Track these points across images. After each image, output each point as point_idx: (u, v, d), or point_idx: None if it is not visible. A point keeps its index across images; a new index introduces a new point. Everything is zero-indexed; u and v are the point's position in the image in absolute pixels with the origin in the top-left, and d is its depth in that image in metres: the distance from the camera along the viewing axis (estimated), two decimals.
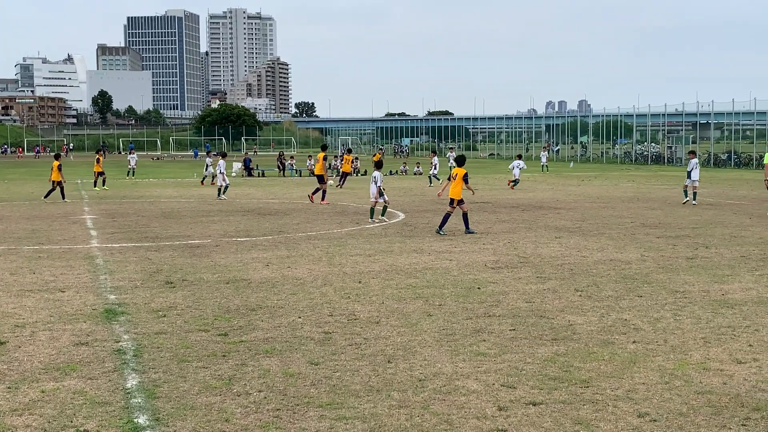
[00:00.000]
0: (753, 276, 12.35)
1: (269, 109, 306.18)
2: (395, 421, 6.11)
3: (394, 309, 10.10)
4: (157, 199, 30.00)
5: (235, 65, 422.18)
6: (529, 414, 6.25)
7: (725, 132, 77.22)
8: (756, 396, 6.64)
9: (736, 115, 68.83)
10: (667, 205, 26.27)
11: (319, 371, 7.42)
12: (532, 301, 10.59)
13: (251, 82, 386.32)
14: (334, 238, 17.43)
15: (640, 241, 16.73)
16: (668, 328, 9.02)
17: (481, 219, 21.58)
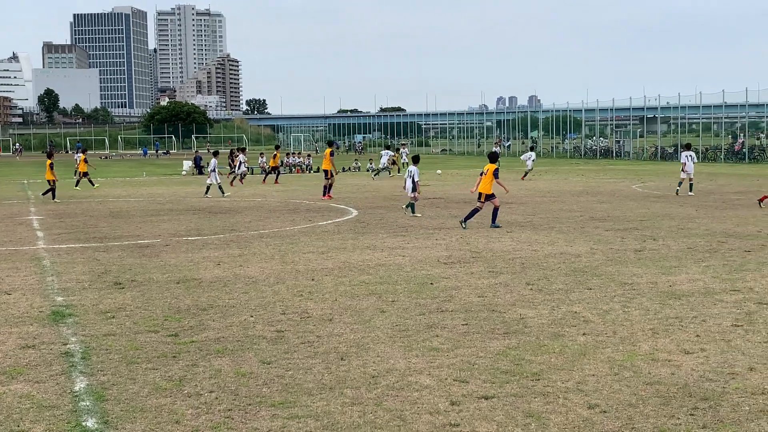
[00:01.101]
0: (700, 267, 12.57)
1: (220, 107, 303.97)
2: (348, 418, 6.10)
3: (348, 306, 10.08)
4: (105, 198, 29.59)
5: (184, 62, 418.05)
6: (481, 408, 6.29)
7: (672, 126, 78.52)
8: (703, 386, 6.75)
9: (682, 108, 70.02)
10: (615, 198, 26.62)
11: (272, 370, 7.37)
12: (484, 295, 10.65)
13: (201, 79, 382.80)
14: (286, 236, 17.36)
15: (590, 234, 16.92)
16: (617, 320, 9.14)
17: (433, 214, 21.65)
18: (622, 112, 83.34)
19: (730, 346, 7.98)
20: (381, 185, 36.28)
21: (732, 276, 11.75)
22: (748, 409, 6.16)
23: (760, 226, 17.79)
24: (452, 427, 5.89)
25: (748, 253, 13.95)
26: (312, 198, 28.54)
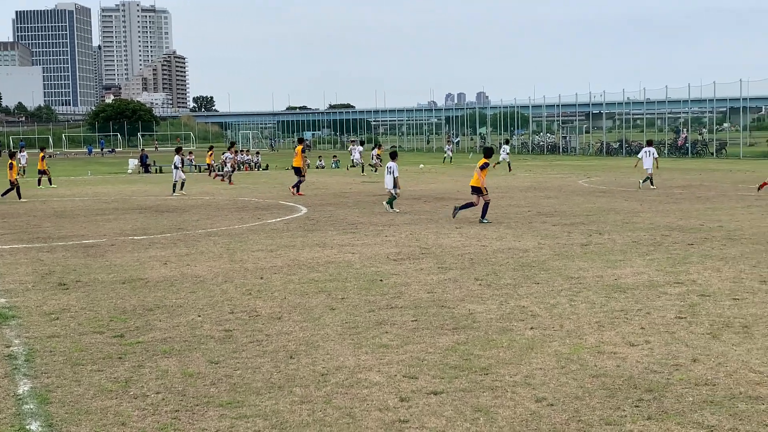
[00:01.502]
0: (644, 260, 12.76)
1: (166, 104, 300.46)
2: (297, 417, 6.08)
3: (297, 304, 10.04)
4: (49, 198, 29.06)
5: (129, 59, 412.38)
6: (430, 403, 6.31)
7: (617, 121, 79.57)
8: (648, 377, 6.86)
9: (626, 104, 71.02)
10: (562, 193, 26.92)
11: (219, 370, 7.31)
12: (434, 291, 10.69)
13: (147, 76, 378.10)
14: (234, 234, 17.22)
15: (537, 229, 17.09)
16: (564, 314, 9.24)
17: (383, 210, 21.66)
18: (569, 108, 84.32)
19: (674, 338, 8.12)
20: (330, 182, 36.19)
21: (675, 269, 11.95)
22: (691, 400, 6.27)
23: (702, 220, 18.13)
24: (401, 424, 5.90)
25: (690, 246, 14.21)
26: (261, 196, 28.37)
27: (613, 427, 5.74)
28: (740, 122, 64.81)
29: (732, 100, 62.59)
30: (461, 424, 5.86)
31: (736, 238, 14.98)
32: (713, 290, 10.37)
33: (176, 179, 30.57)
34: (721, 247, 14.02)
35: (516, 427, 5.79)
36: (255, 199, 27.14)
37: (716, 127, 71.06)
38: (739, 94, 58.00)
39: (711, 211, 20.17)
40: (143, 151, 58.27)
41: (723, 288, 10.50)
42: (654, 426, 5.75)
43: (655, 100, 67.15)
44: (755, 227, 16.57)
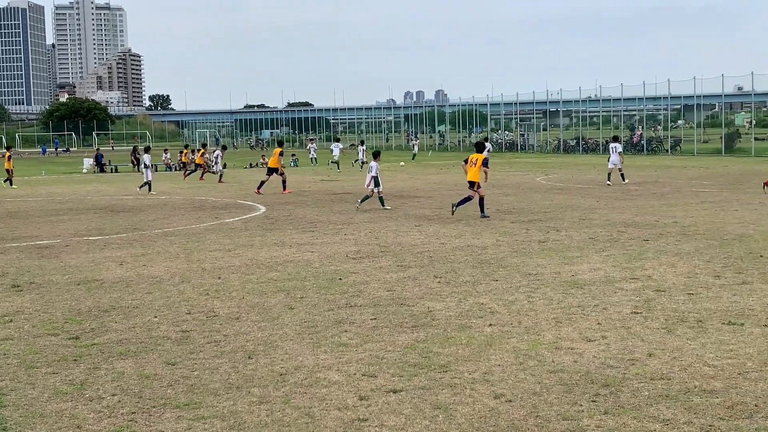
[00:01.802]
0: (601, 257, 12.89)
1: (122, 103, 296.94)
2: (255, 417, 6.04)
3: (255, 304, 9.98)
4: (2, 198, 28.56)
5: (84, 57, 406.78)
6: (389, 402, 6.31)
7: (573, 119, 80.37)
8: (605, 372, 6.93)
9: (583, 102, 71.71)
10: (520, 190, 27.10)
11: (177, 371, 7.24)
12: (393, 289, 10.70)
13: (102, 74, 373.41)
14: (192, 233, 17.08)
15: (496, 226, 17.18)
16: (522, 310, 9.30)
17: (342, 209, 21.64)
18: (526, 106, 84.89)
19: (630, 333, 8.21)
20: (289, 181, 35.99)
21: (631, 265, 12.09)
22: (647, 394, 6.34)
23: (657, 216, 18.37)
24: (361, 422, 5.89)
25: (646, 242, 14.38)
26: (218, 195, 28.17)
27: (570, 422, 5.78)
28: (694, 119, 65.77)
29: (686, 98, 63.48)
30: (420, 422, 5.87)
31: (690, 234, 15.20)
32: (668, 285, 10.50)
33: (149, 179, 30.27)
34: (675, 242, 14.21)
35: (474, 424, 5.81)
36: (213, 198, 26.94)
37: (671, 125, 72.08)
38: (692, 92, 58.85)
39: (666, 207, 20.44)
40: (98, 150, 57.54)
41: (678, 283, 10.64)
42: (610, 420, 5.81)
43: (610, 98, 67.89)
44: (709, 223, 16.83)
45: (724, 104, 71.75)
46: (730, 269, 11.51)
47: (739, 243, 13.93)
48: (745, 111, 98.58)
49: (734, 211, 19.02)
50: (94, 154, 55.33)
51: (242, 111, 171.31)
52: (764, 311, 8.97)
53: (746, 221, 16.91)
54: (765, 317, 8.70)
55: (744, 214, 18.32)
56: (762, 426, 5.62)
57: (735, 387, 6.46)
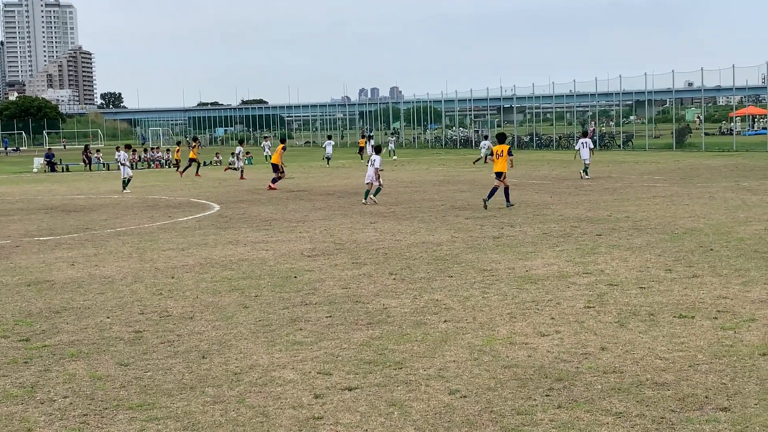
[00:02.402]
0: (554, 252, 13.00)
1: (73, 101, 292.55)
2: (209, 417, 5.99)
3: (209, 303, 9.90)
4: None
5: (33, 55, 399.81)
6: (344, 399, 6.29)
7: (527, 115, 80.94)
8: (558, 366, 6.99)
9: (536, 98, 72.26)
10: (475, 187, 27.22)
11: (129, 372, 7.15)
12: (348, 286, 10.68)
13: (52, 72, 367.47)
14: (145, 233, 16.89)
15: (451, 222, 17.24)
16: (477, 306, 9.34)
17: (297, 207, 21.57)
18: (481, 103, 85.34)
19: (583, 327, 8.29)
20: (242, 179, 35.78)
21: (584, 259, 12.21)
22: (600, 388, 6.41)
23: (610, 211, 18.58)
24: (315, 421, 5.87)
25: (599, 236, 14.54)
26: (172, 194, 27.90)
27: (524, 417, 5.82)
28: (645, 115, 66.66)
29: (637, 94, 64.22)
30: (375, 419, 5.87)
31: (642, 228, 15.40)
32: (620, 279, 10.63)
33: (126, 176, 30.02)
34: (628, 237, 14.39)
35: (430, 420, 5.83)
36: (166, 197, 26.67)
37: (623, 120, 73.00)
38: (644, 88, 59.63)
39: (618, 202, 20.69)
40: (49, 150, 56.63)
41: (630, 277, 10.77)
42: (564, 414, 5.86)
43: (563, 94, 68.49)
44: (660, 217, 17.07)
45: (675, 100, 72.82)
46: (681, 263, 11.69)
47: (689, 237, 14.14)
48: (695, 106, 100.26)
49: (685, 205, 19.32)
50: (45, 153, 54.47)
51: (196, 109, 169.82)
52: (714, 304, 9.12)
53: (696, 215, 17.18)
54: (715, 310, 8.84)
55: (694, 208, 18.62)
56: (712, 417, 5.71)
57: (686, 379, 6.56)
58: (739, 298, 9.38)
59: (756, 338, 7.68)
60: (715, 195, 21.56)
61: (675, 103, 73.38)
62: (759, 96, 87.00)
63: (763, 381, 6.44)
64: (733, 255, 12.14)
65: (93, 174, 45.78)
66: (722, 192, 22.33)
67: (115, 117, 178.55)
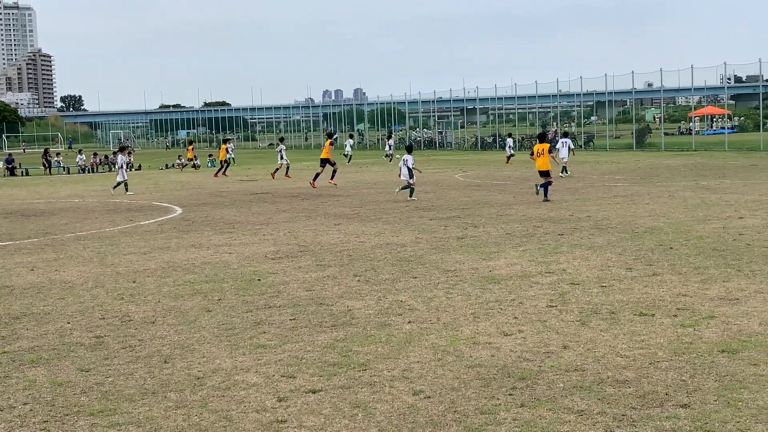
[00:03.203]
0: (517, 252, 13.09)
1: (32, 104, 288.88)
2: (172, 422, 5.94)
3: (171, 307, 9.82)
4: None
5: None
6: (308, 402, 6.28)
7: (490, 116, 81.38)
8: (521, 366, 7.03)
9: (499, 100, 72.65)
10: (439, 188, 27.31)
11: (90, 378, 7.07)
12: (312, 289, 10.66)
13: (11, 75, 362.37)
14: (106, 237, 16.72)
15: (415, 224, 17.28)
16: (441, 306, 9.37)
17: (261, 209, 21.48)
18: (444, 104, 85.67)
19: (546, 326, 8.35)
20: (206, 181, 35.57)
21: (547, 259, 12.31)
22: (562, 386, 6.46)
23: (572, 210, 18.74)
24: (279, 424, 5.86)
25: (561, 236, 14.66)
26: (133, 197, 27.64)
27: (487, 416, 5.85)
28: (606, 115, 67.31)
29: (598, 94, 64.84)
30: (339, 421, 5.86)
31: (603, 228, 15.55)
32: (582, 278, 10.73)
33: (123, 179, 29.91)
34: (589, 236, 14.52)
35: (394, 421, 5.83)
36: (127, 200, 26.42)
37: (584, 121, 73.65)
38: (604, 89, 60.21)
39: (580, 202, 20.87)
40: (10, 155, 55.83)
41: (591, 276, 10.87)
42: (527, 413, 5.90)
43: (525, 95, 68.94)
44: (621, 216, 17.24)
45: (635, 100, 73.64)
46: (641, 261, 11.82)
47: (649, 235, 14.31)
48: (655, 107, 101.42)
49: (645, 204, 19.54)
50: (5, 157, 53.71)
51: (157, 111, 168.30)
52: (674, 302, 9.24)
53: (656, 214, 17.39)
54: (675, 308, 8.96)
55: (654, 207, 18.84)
56: (673, 414, 5.78)
57: (646, 376, 6.63)
58: (698, 295, 9.51)
59: (715, 335, 7.79)
60: (675, 194, 21.84)
61: (635, 104, 74.17)
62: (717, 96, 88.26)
63: (722, 377, 6.54)
64: (693, 253, 12.31)
65: (53, 178, 45.22)
66: (682, 191, 22.63)
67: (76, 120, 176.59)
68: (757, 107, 67.16)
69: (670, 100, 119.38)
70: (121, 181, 29.75)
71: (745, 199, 19.75)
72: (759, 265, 11.20)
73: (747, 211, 17.35)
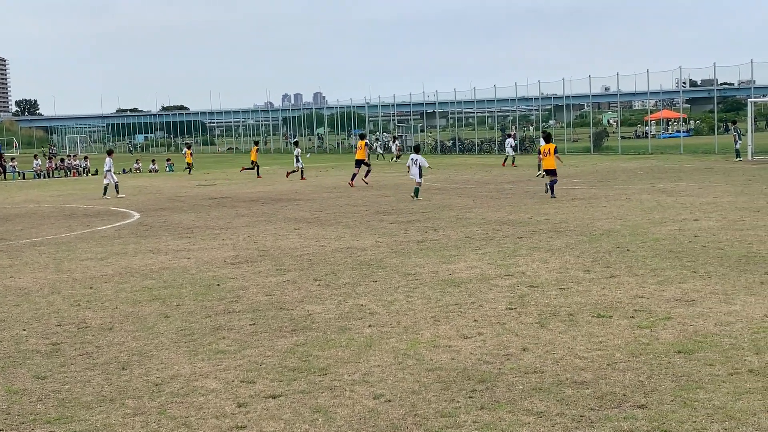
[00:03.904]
0: (477, 255, 13.15)
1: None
2: (130, 429, 5.87)
3: (129, 313, 9.72)
4: None
5: None
6: (268, 407, 6.25)
7: (450, 120, 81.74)
8: (481, 368, 7.07)
9: (458, 103, 73.03)
10: (399, 191, 27.36)
11: (47, 385, 6.97)
12: (272, 293, 10.62)
13: None
14: (62, 242, 16.49)
15: (375, 227, 17.29)
16: (401, 310, 9.39)
17: (220, 214, 21.34)
18: (404, 108, 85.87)
19: (505, 328, 8.40)
20: (164, 186, 35.26)
21: (506, 262, 12.38)
22: (521, 388, 6.50)
23: (531, 213, 18.88)
24: (239, 430, 5.82)
25: (520, 239, 14.76)
26: (90, 202, 27.31)
27: (447, 419, 5.87)
28: (564, 119, 67.96)
29: (556, 98, 65.59)
30: (300, 426, 5.84)
31: (561, 230, 15.69)
32: (541, 281, 10.81)
33: (115, 181, 29.65)
34: (548, 239, 14.64)
35: (354, 426, 5.83)
36: (84, 205, 26.10)
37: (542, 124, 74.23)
38: (562, 93, 60.80)
39: (538, 205, 21.04)
40: None
41: (550, 278, 10.96)
42: (486, 415, 5.93)
43: (485, 99, 69.36)
44: (579, 219, 17.41)
45: (592, 104, 74.43)
46: (599, 263, 11.95)
47: (607, 238, 14.46)
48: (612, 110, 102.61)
49: (602, 207, 19.76)
50: None
51: (114, 115, 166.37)
52: (631, 303, 9.35)
53: (614, 217, 17.59)
54: (632, 309, 9.06)
55: (612, 210, 19.05)
56: (630, 414, 5.85)
57: (604, 378, 6.70)
58: (654, 297, 9.64)
59: (671, 336, 7.89)
60: (632, 197, 22.10)
61: (592, 108, 74.97)
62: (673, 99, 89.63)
63: (679, 378, 6.63)
64: (649, 255, 12.46)
65: (8, 183, 44.53)
66: (638, 194, 22.91)
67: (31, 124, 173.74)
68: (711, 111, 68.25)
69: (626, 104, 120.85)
70: (113, 183, 29.50)
71: (700, 202, 20.06)
72: (714, 266, 11.38)
73: (702, 213, 17.62)
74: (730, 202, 19.59)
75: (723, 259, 11.86)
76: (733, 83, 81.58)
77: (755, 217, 16.50)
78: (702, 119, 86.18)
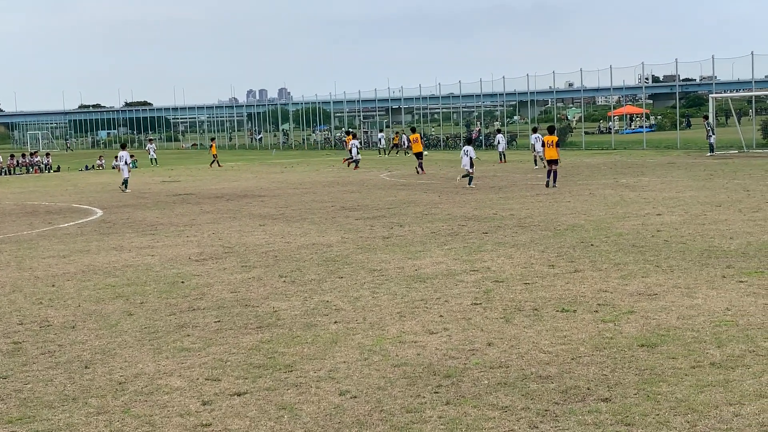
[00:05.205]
0: (442, 250, 13.18)
1: None
2: (93, 429, 5.82)
3: (92, 311, 9.61)
4: None
5: None
6: (233, 405, 6.22)
7: (415, 115, 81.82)
8: (446, 363, 7.09)
9: (423, 99, 73.10)
10: (364, 188, 27.34)
11: (8, 384, 6.88)
12: (237, 290, 10.56)
13: None
14: (23, 240, 16.27)
15: (341, 223, 17.26)
16: (367, 306, 9.39)
17: (184, 211, 21.18)
18: (369, 104, 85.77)
19: (471, 323, 8.44)
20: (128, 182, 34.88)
21: (471, 257, 12.43)
22: (487, 383, 6.53)
23: (496, 209, 18.96)
24: (204, 428, 5.79)
25: (485, 234, 14.82)
26: (52, 199, 26.97)
27: (413, 415, 5.88)
28: (528, 115, 68.35)
29: (520, 94, 65.75)
30: (265, 423, 5.82)
31: (526, 226, 15.78)
32: (506, 276, 10.87)
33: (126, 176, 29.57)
34: (513, 234, 14.72)
35: (320, 422, 5.82)
36: (45, 202, 25.77)
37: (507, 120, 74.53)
38: (526, 88, 61.11)
39: (503, 200, 21.13)
40: None
41: (515, 273, 11.02)
42: (452, 410, 5.95)
43: (450, 95, 69.51)
44: (543, 214, 17.52)
45: (556, 100, 74.91)
46: (563, 258, 12.03)
47: (571, 233, 14.57)
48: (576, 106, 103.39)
49: (567, 202, 19.89)
50: None
51: (77, 111, 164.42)
52: (595, 298, 9.43)
53: (578, 212, 17.72)
54: (596, 304, 9.14)
55: (576, 205, 19.20)
56: (594, 408, 5.90)
57: (569, 372, 6.75)
58: (618, 291, 9.73)
59: (635, 330, 7.97)
60: (595, 192, 22.28)
61: (556, 103, 75.45)
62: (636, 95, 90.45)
63: (642, 371, 6.70)
64: (612, 250, 12.58)
65: None
66: (602, 189, 23.10)
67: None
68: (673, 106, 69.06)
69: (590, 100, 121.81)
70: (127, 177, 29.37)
71: (663, 197, 20.27)
72: (676, 260, 11.51)
73: (665, 208, 17.82)
74: (692, 197, 19.82)
75: (685, 254, 12.00)
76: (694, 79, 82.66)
77: (717, 212, 16.72)
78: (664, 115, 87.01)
